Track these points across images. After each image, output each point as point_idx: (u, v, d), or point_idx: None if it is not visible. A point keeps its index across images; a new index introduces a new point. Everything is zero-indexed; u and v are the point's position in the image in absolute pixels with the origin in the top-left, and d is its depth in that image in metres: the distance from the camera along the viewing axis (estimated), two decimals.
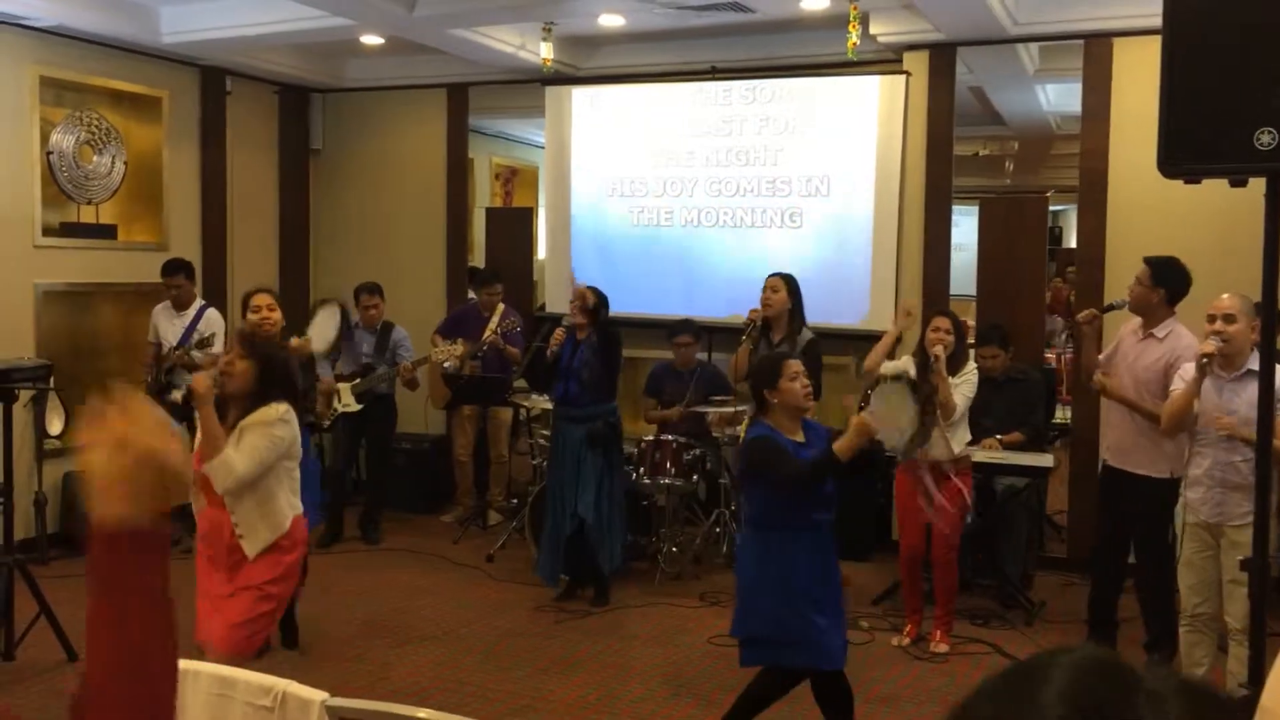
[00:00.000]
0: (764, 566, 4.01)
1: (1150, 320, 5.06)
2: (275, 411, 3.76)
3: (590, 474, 5.96)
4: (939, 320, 5.45)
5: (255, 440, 3.71)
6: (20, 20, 6.63)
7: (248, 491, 3.78)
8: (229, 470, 3.67)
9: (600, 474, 5.99)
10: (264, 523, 3.80)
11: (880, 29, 6.95)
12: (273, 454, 3.75)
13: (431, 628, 5.73)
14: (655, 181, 7.94)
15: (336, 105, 9.06)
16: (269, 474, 3.80)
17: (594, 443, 5.95)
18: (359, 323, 7.52)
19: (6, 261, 6.71)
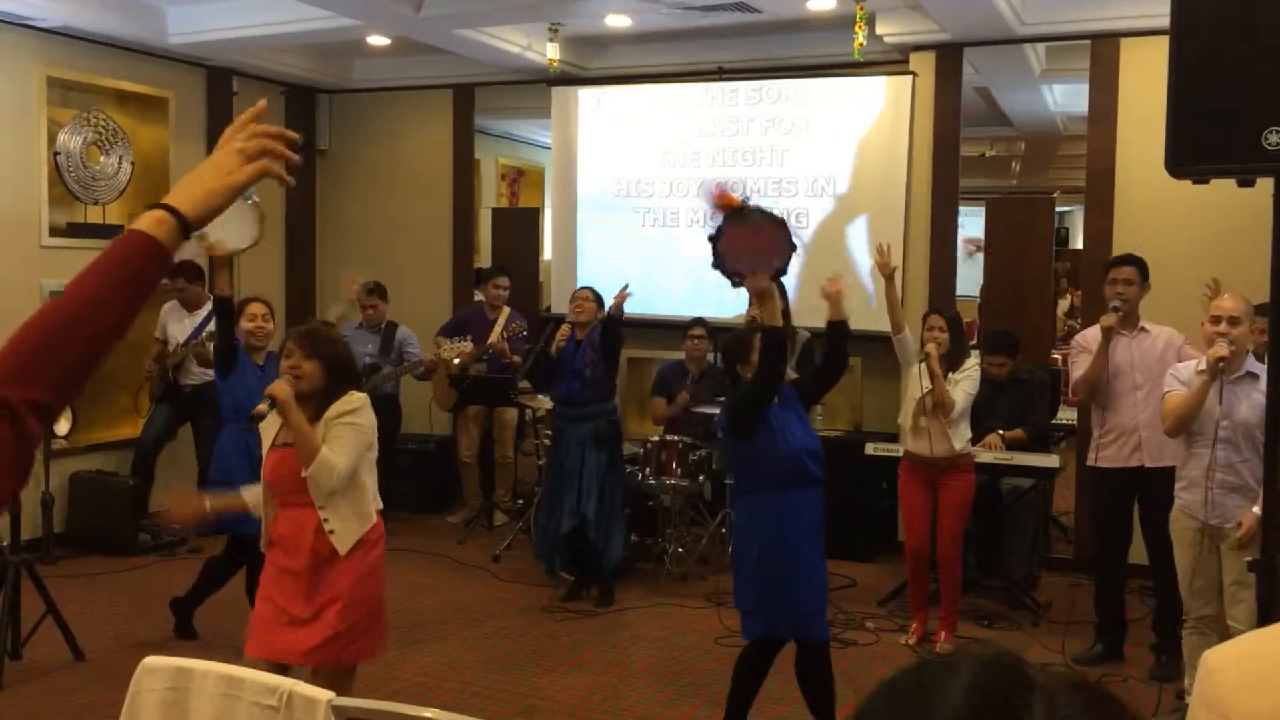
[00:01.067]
0: (746, 532, 4.12)
1: (1135, 316, 5.20)
2: (356, 400, 3.67)
3: (593, 472, 5.99)
4: (933, 319, 5.47)
5: (344, 433, 3.60)
6: (27, 21, 6.65)
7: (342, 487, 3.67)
8: (331, 469, 3.53)
9: (603, 472, 6.02)
10: (355, 515, 3.67)
11: (887, 29, 6.94)
12: (363, 443, 3.67)
13: (437, 628, 5.73)
14: (662, 182, 7.94)
15: (343, 106, 9.08)
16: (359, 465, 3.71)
17: (599, 442, 5.97)
18: (362, 323, 7.53)
19: (14, 262, 6.72)
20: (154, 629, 5.57)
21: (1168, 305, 5.61)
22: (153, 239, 1.29)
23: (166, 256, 1.31)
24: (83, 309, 1.23)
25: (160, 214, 1.32)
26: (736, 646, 5.43)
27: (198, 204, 1.35)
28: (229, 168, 1.38)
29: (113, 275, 1.27)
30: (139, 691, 2.58)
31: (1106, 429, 5.22)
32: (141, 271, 1.29)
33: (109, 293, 1.25)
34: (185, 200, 1.34)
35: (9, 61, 6.70)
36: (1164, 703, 4.81)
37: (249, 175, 1.38)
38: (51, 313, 1.23)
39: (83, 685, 4.85)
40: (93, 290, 1.25)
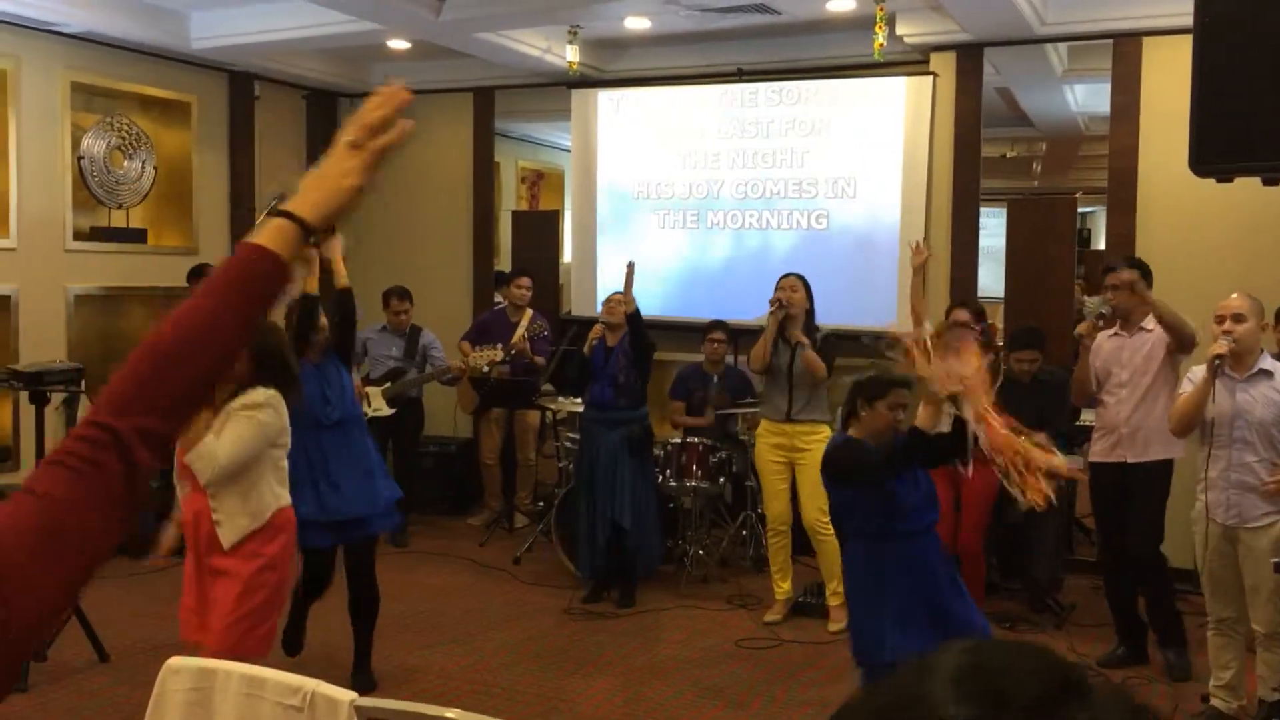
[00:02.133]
0: (854, 575, 3.90)
1: (1137, 316, 5.17)
2: (260, 395, 3.57)
3: (626, 478, 6.00)
4: (957, 312, 5.47)
5: (239, 426, 3.51)
6: (52, 27, 6.72)
7: (231, 480, 3.58)
8: (211, 459, 3.47)
9: (636, 477, 6.05)
10: (244, 512, 3.61)
11: (907, 30, 6.92)
12: (259, 441, 3.56)
13: (458, 629, 5.75)
14: (681, 184, 7.94)
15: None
16: (255, 462, 3.61)
17: (632, 447, 5.99)
18: (387, 326, 7.56)
19: (39, 266, 6.78)
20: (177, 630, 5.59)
21: (1189, 304, 5.57)
22: (269, 252, 1.21)
23: (285, 270, 1.23)
24: (196, 332, 1.15)
25: (280, 222, 1.24)
26: (757, 648, 5.44)
27: (318, 209, 1.26)
28: (346, 168, 1.29)
29: (228, 294, 1.19)
30: (164, 692, 2.59)
31: (1097, 426, 5.29)
32: (259, 289, 1.21)
33: (224, 313, 1.17)
34: (306, 205, 1.26)
35: (34, 67, 6.77)
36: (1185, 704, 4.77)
37: (368, 173, 1.30)
38: (163, 337, 1.15)
39: (107, 686, 4.89)
40: (207, 311, 1.17)
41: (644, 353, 6.03)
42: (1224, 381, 4.40)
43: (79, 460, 1.05)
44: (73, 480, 1.04)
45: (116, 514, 1.07)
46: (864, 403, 3.82)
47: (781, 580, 5.91)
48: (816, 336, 5.81)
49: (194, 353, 1.14)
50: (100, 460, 1.06)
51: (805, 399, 5.73)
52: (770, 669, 5.23)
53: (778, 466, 5.79)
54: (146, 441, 1.09)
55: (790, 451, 5.76)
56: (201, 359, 1.15)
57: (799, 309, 5.78)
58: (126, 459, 1.07)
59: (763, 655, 5.40)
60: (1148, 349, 5.13)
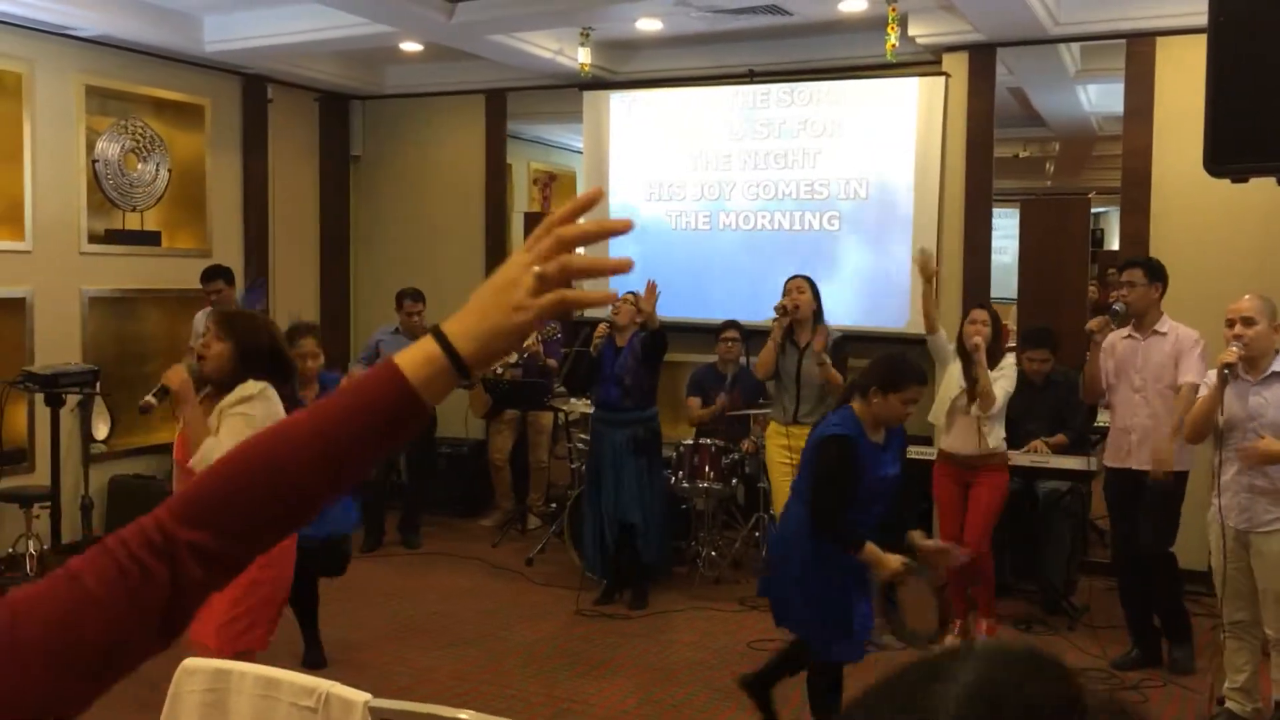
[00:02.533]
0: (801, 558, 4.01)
1: (1150, 318, 5.15)
2: (250, 389, 3.47)
3: (633, 477, 6.00)
4: (976, 313, 5.45)
5: (234, 424, 3.42)
6: (66, 30, 6.74)
7: None
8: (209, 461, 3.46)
9: (642, 477, 6.05)
10: None
11: (919, 30, 6.91)
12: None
13: (471, 631, 5.76)
14: (693, 185, 7.94)
15: (376, 112, 9.14)
16: None
17: (638, 448, 5.99)
18: (400, 328, 7.57)
19: (54, 268, 6.81)
20: (189, 630, 5.62)
21: (1203, 306, 5.56)
22: (408, 386, 1.00)
23: (421, 412, 1.01)
24: (293, 458, 0.98)
25: (432, 351, 1.02)
26: (768, 651, 5.42)
27: (478, 345, 1.03)
28: (518, 299, 1.03)
29: (342, 422, 0.99)
30: (179, 693, 2.61)
31: (1112, 429, 5.27)
32: (381, 424, 1.00)
33: (333, 443, 0.98)
34: (465, 337, 1.02)
35: (48, 70, 6.80)
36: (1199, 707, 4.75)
37: (542, 312, 1.03)
38: (256, 450, 0.99)
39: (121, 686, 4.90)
40: (311, 434, 0.98)
41: (655, 353, 6.03)
42: (1237, 385, 4.39)
43: (127, 557, 0.95)
44: (114, 577, 0.94)
45: (150, 621, 0.95)
46: (878, 390, 3.83)
47: None
48: (828, 338, 5.80)
49: (282, 477, 0.98)
50: (146, 565, 0.94)
51: (812, 401, 5.73)
52: None
53: (787, 468, 5.78)
54: (203, 560, 0.96)
55: (797, 453, 5.74)
56: (287, 485, 0.98)
57: (806, 311, 5.76)
58: (176, 572, 0.95)
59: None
60: (1165, 353, 5.10)
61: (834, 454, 3.83)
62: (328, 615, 5.88)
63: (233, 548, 0.97)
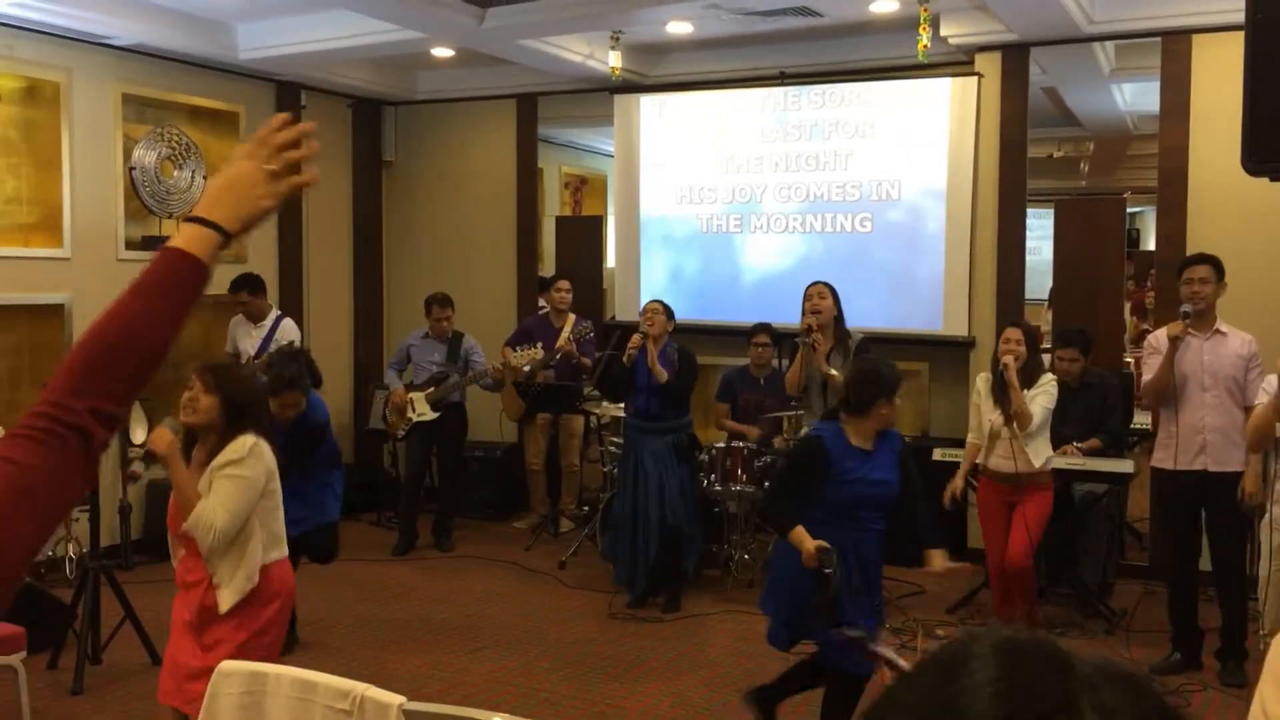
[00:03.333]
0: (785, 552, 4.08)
1: (1210, 317, 5.09)
2: (243, 446, 3.36)
3: (675, 484, 6.04)
4: (1009, 331, 5.40)
5: (225, 487, 3.32)
6: (103, 40, 6.83)
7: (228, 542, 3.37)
8: (209, 527, 3.28)
9: (686, 484, 6.10)
10: (242, 571, 3.39)
11: (951, 30, 6.87)
12: (251, 496, 3.35)
13: (504, 634, 5.77)
14: (725, 188, 7.93)
15: (408, 117, 9.19)
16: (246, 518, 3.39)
17: (681, 455, 6.03)
18: (429, 333, 7.62)
19: (92, 275, 6.89)
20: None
21: (1243, 306, 5.49)
22: (190, 256, 1.33)
23: (205, 271, 1.35)
24: (133, 327, 1.29)
25: (202, 230, 1.35)
26: (803, 654, 5.40)
27: (239, 223, 1.38)
28: (260, 191, 1.40)
29: (155, 294, 1.31)
30: (216, 695, 2.63)
31: (1172, 431, 5.13)
32: (186, 290, 1.34)
33: (156, 314, 1.30)
34: (223, 214, 1.37)
35: (86, 79, 6.89)
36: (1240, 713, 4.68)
37: (278, 197, 1.42)
38: (105, 330, 1.28)
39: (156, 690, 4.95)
40: (141, 310, 1.30)
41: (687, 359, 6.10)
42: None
43: (42, 433, 1.22)
44: (39, 449, 1.21)
45: (75, 477, 1.25)
46: (865, 403, 3.97)
47: None
48: (850, 342, 5.73)
49: (133, 345, 1.28)
50: (61, 433, 1.23)
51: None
52: None
53: None
54: (99, 418, 1.25)
55: None
56: (139, 350, 1.29)
57: (828, 317, 5.74)
58: (82, 432, 1.24)
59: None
60: (1232, 355, 5.01)
61: (798, 449, 4.10)
62: (362, 618, 5.92)
63: (121, 404, 1.28)
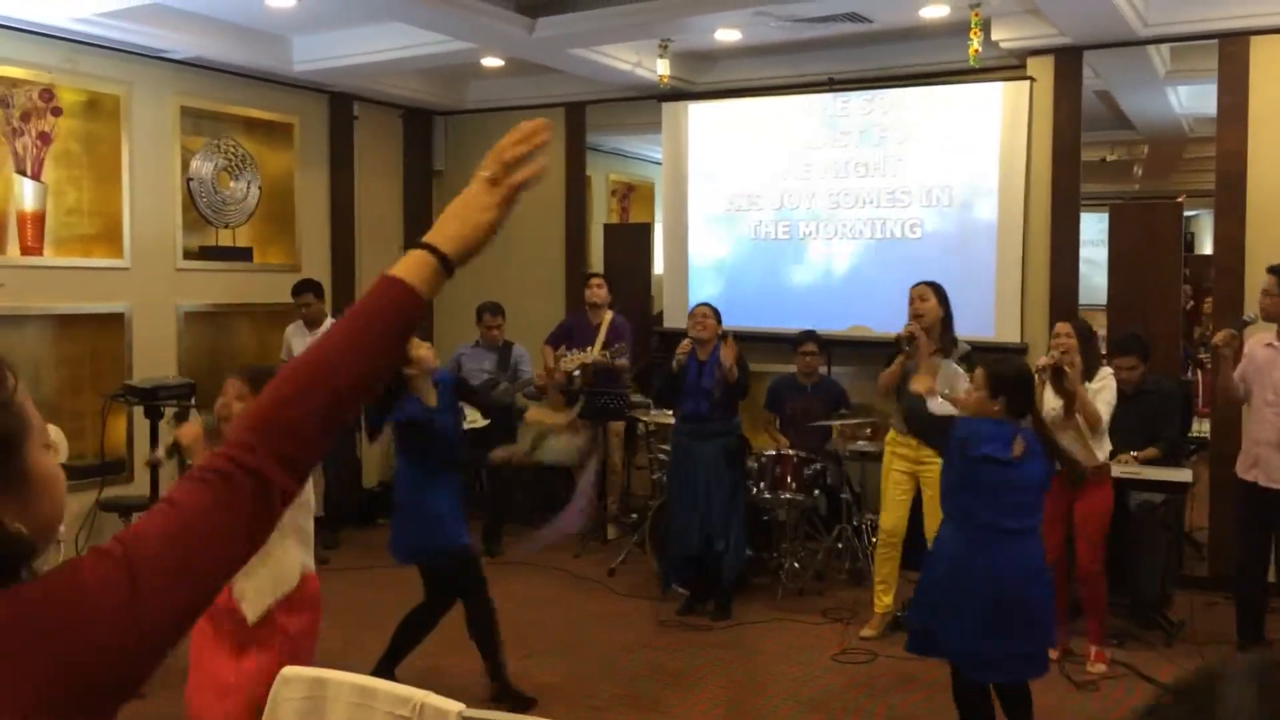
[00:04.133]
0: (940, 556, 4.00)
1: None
2: None
3: (723, 490, 5.99)
4: (1059, 326, 5.33)
5: None
6: (160, 53, 6.96)
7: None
8: None
9: (732, 490, 6.04)
10: (269, 582, 3.29)
11: (1002, 35, 6.81)
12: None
13: (554, 640, 5.79)
14: (773, 195, 7.91)
15: (458, 126, 9.28)
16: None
17: (730, 460, 5.98)
18: (480, 341, 7.67)
19: (152, 284, 7.02)
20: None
21: None
22: (405, 284, 1.26)
23: (420, 302, 1.27)
24: (329, 362, 1.21)
25: (421, 255, 1.28)
26: (854, 663, 5.38)
27: (458, 243, 1.31)
28: (484, 203, 1.34)
29: (364, 325, 1.24)
30: (278, 700, 2.67)
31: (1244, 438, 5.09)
32: (394, 320, 1.25)
33: (359, 347, 1.23)
34: (446, 240, 1.31)
35: (146, 92, 7.02)
36: None
37: (505, 209, 1.35)
38: (302, 365, 1.21)
39: None
40: (343, 341, 1.22)
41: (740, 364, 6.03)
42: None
43: (212, 474, 1.14)
44: (203, 491, 1.12)
45: (244, 526, 1.14)
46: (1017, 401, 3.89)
47: (884, 594, 5.83)
48: (956, 351, 5.42)
49: (328, 381, 1.19)
50: (233, 476, 1.13)
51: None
52: (868, 684, 5.17)
53: (901, 477, 5.71)
54: (281, 463, 1.16)
55: (916, 464, 5.66)
56: (335, 387, 1.20)
57: (932, 319, 5.44)
58: (259, 477, 1.14)
59: (861, 670, 5.35)
60: None
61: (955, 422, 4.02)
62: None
63: (308, 448, 1.19)
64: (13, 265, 6.40)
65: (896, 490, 5.72)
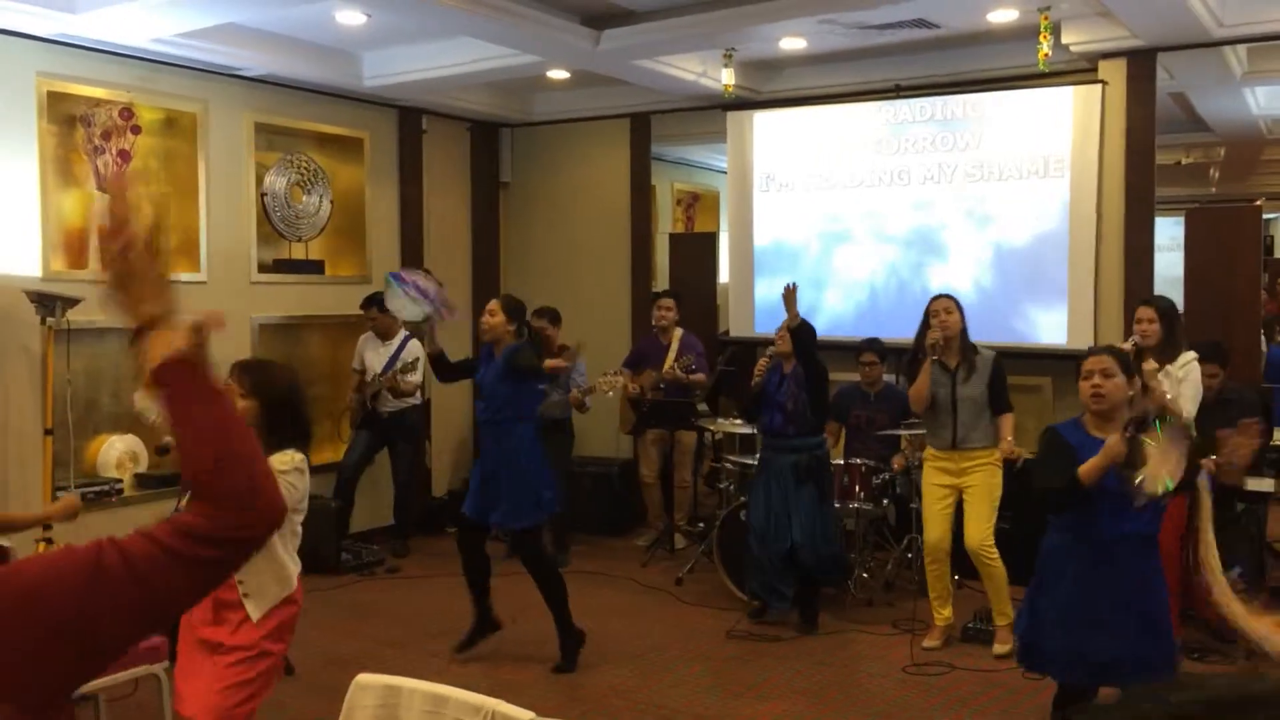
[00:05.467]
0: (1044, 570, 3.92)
1: None
2: (289, 460, 3.30)
3: (800, 502, 5.92)
4: (1140, 310, 5.22)
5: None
6: (236, 71, 7.12)
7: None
8: None
9: (812, 503, 5.94)
10: (274, 581, 3.30)
11: (1073, 38, 6.71)
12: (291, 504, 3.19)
13: (623, 650, 5.80)
14: (839, 202, 7.87)
15: (524, 138, 9.36)
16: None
17: (801, 475, 5.92)
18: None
19: (228, 297, 7.17)
20: (357, 646, 5.84)
21: None
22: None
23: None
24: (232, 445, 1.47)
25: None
26: (925, 675, 5.33)
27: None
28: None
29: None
30: (353, 707, 2.71)
31: None
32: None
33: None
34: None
35: (220, 110, 7.19)
36: None
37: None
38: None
39: (292, 698, 5.11)
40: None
41: (814, 380, 5.89)
42: None
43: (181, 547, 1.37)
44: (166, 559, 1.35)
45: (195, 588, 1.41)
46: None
47: (941, 607, 5.77)
48: (975, 358, 5.62)
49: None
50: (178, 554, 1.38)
51: (970, 426, 5.59)
52: (940, 696, 5.11)
53: (942, 492, 5.66)
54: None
55: (957, 477, 5.62)
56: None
57: (955, 331, 5.60)
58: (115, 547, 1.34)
59: (932, 682, 5.29)
60: None
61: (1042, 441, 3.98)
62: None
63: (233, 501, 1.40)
64: (94, 280, 6.58)
65: (939, 504, 5.67)
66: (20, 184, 6.17)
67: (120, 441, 6.68)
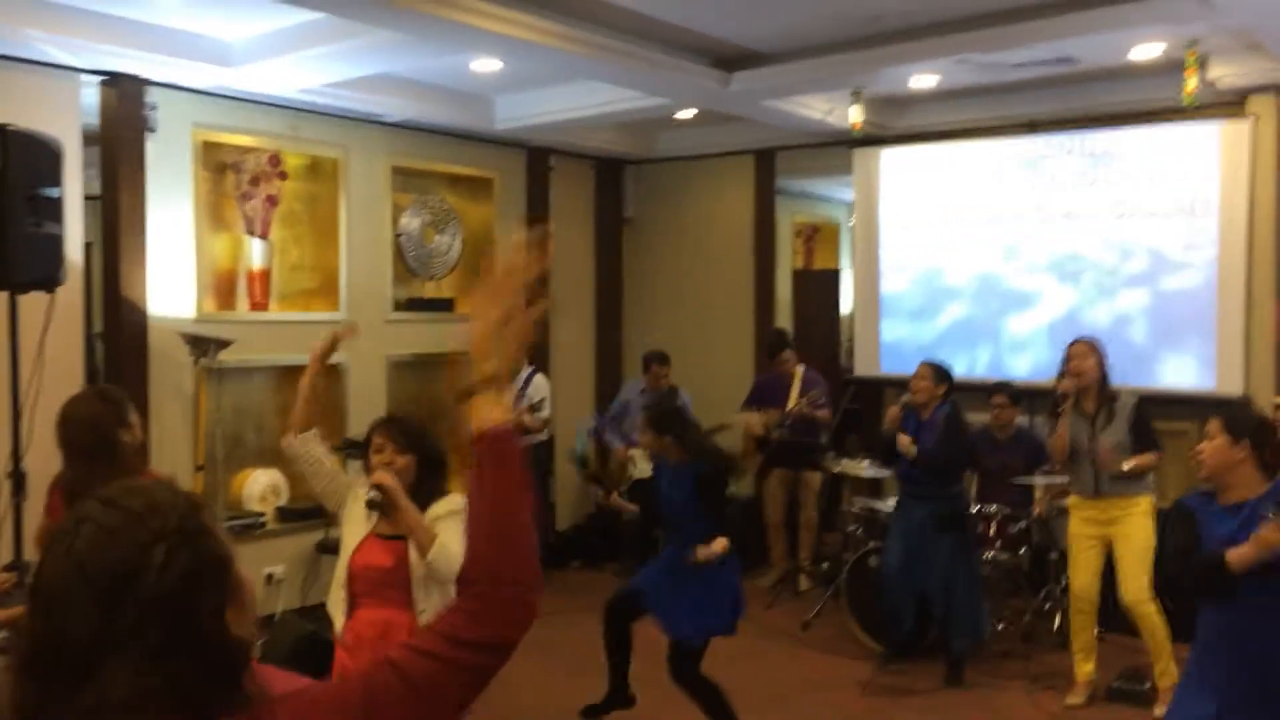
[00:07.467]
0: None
1: None
2: (453, 502, 3.47)
3: (936, 553, 5.81)
4: None
5: (454, 525, 3.36)
6: (375, 117, 7.34)
7: (437, 583, 3.38)
8: (450, 557, 3.27)
9: (951, 554, 5.81)
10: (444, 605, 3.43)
11: (1219, 72, 6.49)
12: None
13: (749, 699, 5.68)
14: (970, 241, 7.73)
15: (648, 175, 9.43)
16: None
17: (939, 525, 5.81)
18: (646, 388, 7.78)
19: (365, 337, 7.35)
20: (581, 697, 5.65)
21: None
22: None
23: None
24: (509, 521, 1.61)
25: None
26: None
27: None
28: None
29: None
30: None
31: None
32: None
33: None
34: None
35: (360, 154, 7.41)
36: None
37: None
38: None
39: None
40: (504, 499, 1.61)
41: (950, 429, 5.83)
42: None
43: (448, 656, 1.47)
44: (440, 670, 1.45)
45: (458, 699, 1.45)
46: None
47: (1084, 661, 5.58)
48: (1114, 406, 5.42)
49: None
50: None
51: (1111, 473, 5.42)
52: None
53: (1090, 542, 5.49)
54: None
55: (1105, 526, 5.44)
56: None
57: (1091, 378, 5.42)
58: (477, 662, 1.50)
59: None
60: None
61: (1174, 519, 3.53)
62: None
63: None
64: (242, 320, 6.83)
65: (1086, 553, 5.50)
66: (176, 230, 6.45)
67: (264, 475, 6.90)
